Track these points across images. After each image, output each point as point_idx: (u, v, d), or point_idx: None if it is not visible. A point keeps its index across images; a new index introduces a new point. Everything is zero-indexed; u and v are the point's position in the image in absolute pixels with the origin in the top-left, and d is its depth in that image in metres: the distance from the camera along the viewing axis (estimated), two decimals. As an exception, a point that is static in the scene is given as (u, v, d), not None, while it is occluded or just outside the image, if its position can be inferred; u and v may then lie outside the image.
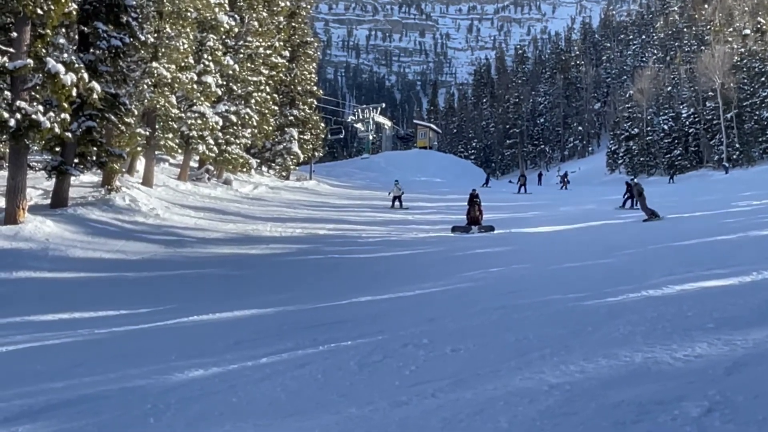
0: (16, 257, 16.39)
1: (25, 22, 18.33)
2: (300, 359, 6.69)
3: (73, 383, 6.55)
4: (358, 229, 24.50)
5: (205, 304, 11.77)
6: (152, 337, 9.14)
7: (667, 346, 5.63)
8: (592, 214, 26.48)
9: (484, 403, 4.70)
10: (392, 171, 65.77)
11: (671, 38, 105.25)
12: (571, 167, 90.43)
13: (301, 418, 4.85)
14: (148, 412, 5.40)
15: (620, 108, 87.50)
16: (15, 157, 19.35)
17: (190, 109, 31.96)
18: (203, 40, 32.33)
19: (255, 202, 33.43)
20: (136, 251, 18.64)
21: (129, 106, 23.32)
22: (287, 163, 50.09)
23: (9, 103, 18.45)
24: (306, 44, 55.16)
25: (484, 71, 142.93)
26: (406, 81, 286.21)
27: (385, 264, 16.85)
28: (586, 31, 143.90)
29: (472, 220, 23.50)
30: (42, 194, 23.78)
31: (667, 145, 73.62)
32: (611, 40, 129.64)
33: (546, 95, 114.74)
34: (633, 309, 7.37)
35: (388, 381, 5.61)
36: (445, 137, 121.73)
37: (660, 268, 10.69)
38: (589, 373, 5.14)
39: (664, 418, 4.08)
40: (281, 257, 18.84)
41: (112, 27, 22.25)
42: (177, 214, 25.13)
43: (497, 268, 13.80)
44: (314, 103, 56.70)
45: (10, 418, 5.54)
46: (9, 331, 9.88)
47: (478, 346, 6.46)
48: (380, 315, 9.27)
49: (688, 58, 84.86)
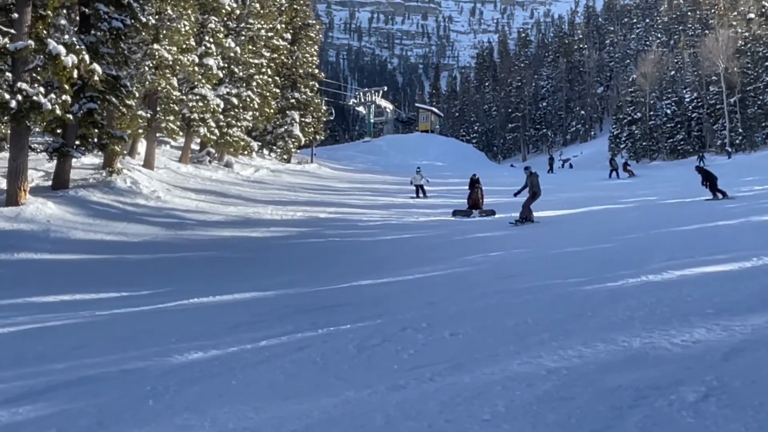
0: (17, 239, 16.41)
1: (26, 2, 18.28)
2: (299, 342, 6.71)
3: (74, 365, 6.57)
4: (359, 212, 24.51)
5: (205, 286, 11.78)
6: (152, 320, 9.16)
7: (665, 332, 5.64)
8: (593, 199, 26.46)
9: (481, 387, 4.71)
10: (394, 154, 65.78)
11: (675, 22, 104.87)
12: (574, 151, 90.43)
13: (300, 401, 4.87)
14: (148, 394, 5.42)
15: (623, 92, 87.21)
16: (16, 138, 19.35)
17: (192, 91, 31.93)
18: (205, 22, 32.26)
19: (256, 185, 33.44)
20: (137, 233, 18.66)
21: (130, 88, 23.28)
22: (288, 146, 50.10)
23: (10, 84, 18.44)
24: (308, 26, 55.03)
25: (486, 55, 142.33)
26: (408, 64, 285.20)
27: (385, 247, 16.86)
28: (590, 14, 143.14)
29: (473, 204, 23.52)
30: (43, 176, 23.80)
31: (670, 129, 73.43)
32: (615, 24, 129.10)
33: (549, 79, 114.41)
34: (632, 294, 7.37)
35: (387, 364, 5.63)
36: (447, 121, 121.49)
37: (661, 253, 10.69)
38: (587, 358, 5.15)
39: (661, 403, 4.10)
40: (282, 240, 18.86)
41: (113, 8, 22.18)
42: (178, 197, 25.14)
43: (497, 252, 13.80)
44: (316, 86, 56.66)
45: (11, 399, 5.56)
46: (10, 313, 9.90)
47: (476, 330, 6.47)
48: (380, 298, 9.28)
49: (692, 42, 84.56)
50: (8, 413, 5.24)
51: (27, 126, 19.13)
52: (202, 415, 4.79)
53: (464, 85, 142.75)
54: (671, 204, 22.26)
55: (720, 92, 68.03)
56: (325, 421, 4.41)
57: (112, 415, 5.02)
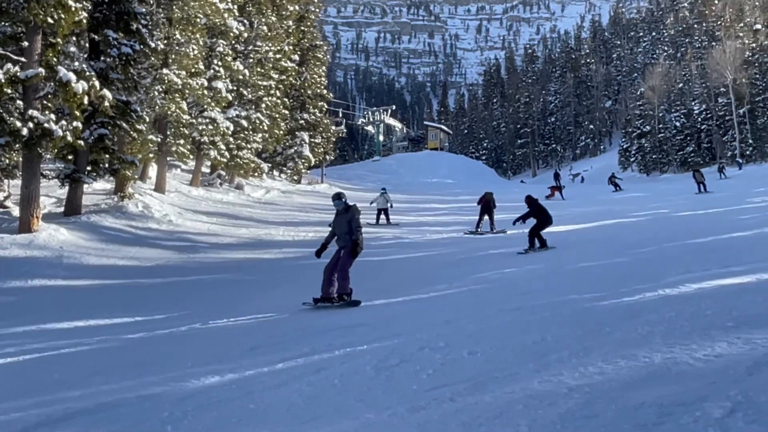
0: (30, 265, 16.45)
1: (36, 31, 18.42)
2: (316, 364, 6.67)
3: (91, 391, 6.55)
4: (371, 231, 24.47)
5: (219, 309, 11.77)
6: (168, 344, 9.13)
7: (686, 346, 5.57)
8: (604, 213, 26.37)
9: (503, 407, 4.66)
10: (404, 173, 65.81)
11: (682, 35, 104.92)
12: (583, 166, 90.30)
13: (320, 424, 4.82)
14: (166, 420, 5.38)
15: (631, 105, 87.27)
16: (28, 165, 19.44)
17: (201, 114, 32.06)
18: (213, 45, 32.44)
19: (267, 206, 33.50)
20: (150, 258, 18.69)
21: (140, 112, 23.41)
22: (299, 166, 50.23)
23: (21, 112, 18.58)
24: (315, 48, 55.31)
25: (493, 71, 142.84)
26: (415, 82, 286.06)
27: (398, 266, 16.82)
28: (596, 29, 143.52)
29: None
30: (55, 202, 23.90)
31: (680, 142, 73.33)
32: (621, 38, 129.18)
33: (556, 94, 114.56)
34: (651, 308, 7.30)
35: (406, 385, 5.58)
36: (456, 138, 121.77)
37: (676, 266, 10.60)
38: (609, 375, 5.09)
39: (686, 420, 4.04)
40: (294, 261, 18.84)
41: (123, 34, 22.35)
42: (190, 220, 25.20)
43: (512, 268, 13.74)
44: (324, 107, 56.90)
45: (29, 427, 5.54)
46: (25, 340, 9.90)
47: (495, 348, 6.41)
48: (395, 318, 9.23)
49: (699, 54, 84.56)
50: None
51: (39, 153, 19.23)
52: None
53: (472, 102, 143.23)
54: (684, 216, 22.15)
55: (729, 103, 67.94)
56: (346, 445, 4.37)
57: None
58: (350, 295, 11.41)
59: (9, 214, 21.13)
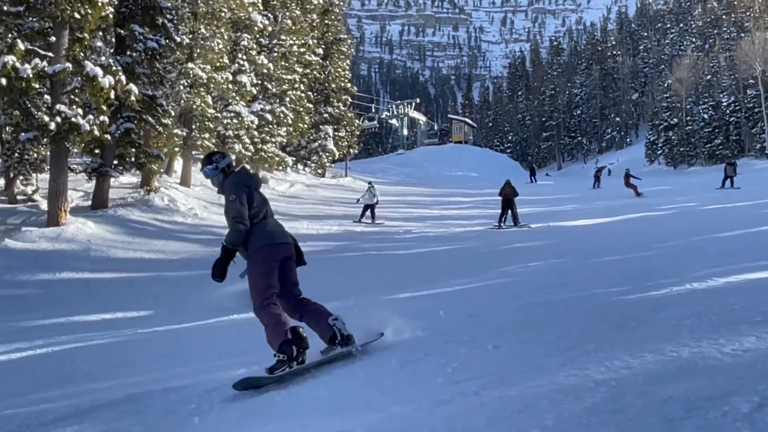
0: (59, 258, 16.64)
1: (63, 26, 18.58)
2: (341, 357, 6.68)
3: (118, 383, 6.61)
4: (395, 225, 24.50)
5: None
6: (194, 337, 9.20)
7: (714, 341, 5.51)
8: (630, 206, 26.17)
9: (528, 401, 4.64)
10: (428, 166, 65.73)
11: (710, 26, 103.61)
12: (609, 159, 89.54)
13: (345, 417, 4.83)
14: (193, 412, 5.42)
15: (659, 98, 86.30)
16: (56, 160, 19.65)
17: (226, 108, 32.19)
18: (237, 39, 32.53)
19: (291, 200, 33.59)
20: (176, 251, 18.81)
21: (166, 107, 23.58)
22: (323, 160, 50.30)
23: (49, 106, 18.76)
24: (339, 41, 55.29)
25: (518, 64, 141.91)
26: (440, 75, 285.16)
27: (423, 260, 16.80)
28: (623, 20, 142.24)
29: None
30: (83, 196, 24.12)
31: (708, 134, 72.47)
32: (648, 29, 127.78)
33: (582, 87, 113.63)
34: (677, 302, 7.23)
35: (431, 379, 5.57)
36: (480, 131, 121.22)
37: (703, 260, 10.50)
38: (635, 369, 5.05)
39: (714, 414, 4.00)
40: (319, 255, 18.86)
41: (148, 29, 22.50)
42: (215, 214, 25.31)
43: (536, 262, 13.67)
44: (348, 100, 56.87)
45: (58, 418, 5.60)
46: (54, 332, 10.02)
47: (520, 342, 6.39)
48: (420, 311, 9.22)
49: (728, 46, 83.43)
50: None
51: (66, 147, 19.43)
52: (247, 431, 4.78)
53: (497, 95, 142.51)
54: (711, 210, 21.92)
55: (758, 95, 67.03)
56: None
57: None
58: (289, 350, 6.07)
59: (37, 208, 21.37)
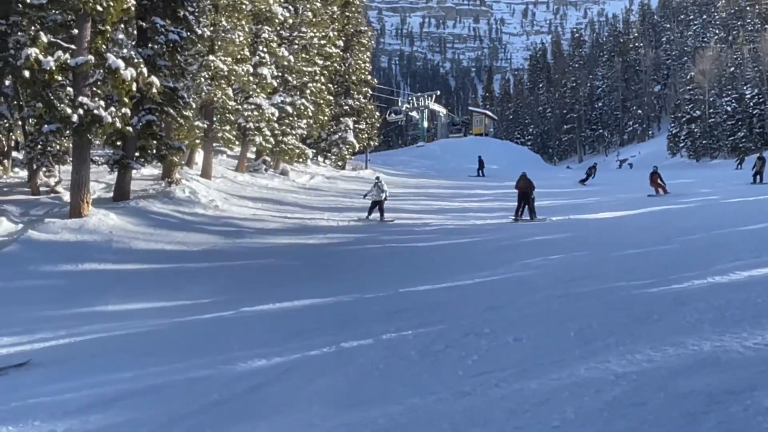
0: (81, 250, 16.76)
1: (86, 18, 18.67)
2: (361, 349, 6.69)
3: (141, 373, 6.67)
4: (415, 217, 24.44)
5: (265, 294, 11.86)
6: (215, 328, 9.24)
7: (736, 335, 5.48)
8: (652, 200, 25.98)
9: (548, 393, 4.63)
10: (448, 159, 65.49)
11: (733, 17, 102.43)
12: (631, 151, 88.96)
13: (366, 408, 4.85)
14: (214, 402, 5.46)
15: (681, 90, 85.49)
16: (78, 151, 19.77)
17: (247, 101, 32.25)
18: (258, 32, 32.56)
19: (311, 192, 33.63)
20: (197, 242, 18.89)
21: (187, 99, 23.64)
22: (343, 152, 50.29)
23: (71, 98, 18.87)
24: (360, 33, 55.19)
25: (539, 56, 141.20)
26: (460, 68, 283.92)
27: (443, 252, 16.77)
28: (645, 12, 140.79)
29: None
30: (104, 188, 24.27)
31: (731, 127, 71.74)
32: (671, 21, 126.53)
33: (604, 79, 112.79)
34: (699, 296, 7.19)
35: (451, 371, 5.57)
36: (501, 124, 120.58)
37: (726, 253, 10.42)
38: (657, 362, 5.03)
39: (736, 408, 3.97)
40: (339, 247, 18.90)
41: (170, 21, 22.54)
42: (235, 205, 25.41)
43: (557, 255, 13.60)
44: (369, 92, 56.79)
45: (83, 407, 5.66)
46: (77, 322, 10.10)
47: (540, 335, 6.38)
48: (440, 304, 9.21)
49: (752, 38, 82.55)
50: (79, 421, 5.33)
51: (88, 139, 19.54)
52: (270, 422, 4.80)
53: (518, 87, 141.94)
54: (734, 203, 21.72)
55: (782, 87, 66.30)
56: (392, 428, 4.38)
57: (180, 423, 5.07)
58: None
59: (60, 200, 21.53)
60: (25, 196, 22.06)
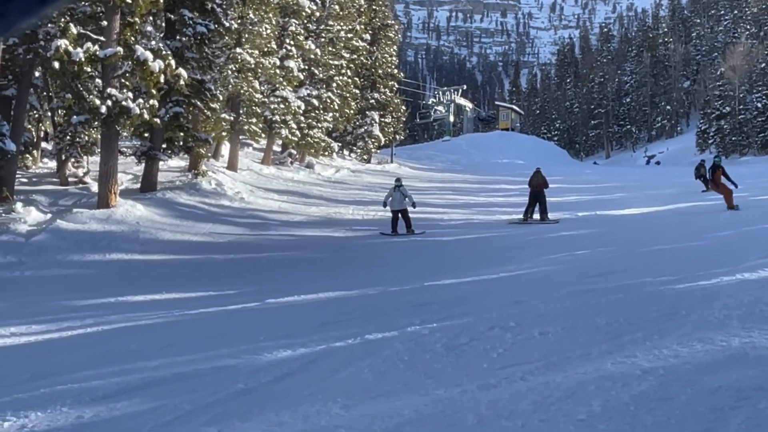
0: (109, 240, 16.92)
1: (115, 11, 18.81)
2: (386, 341, 6.69)
3: (167, 362, 6.71)
4: (440, 211, 24.41)
5: (290, 285, 11.90)
6: (240, 318, 9.29)
7: (765, 331, 5.42)
8: (680, 195, 25.74)
9: (575, 387, 4.60)
10: (474, 153, 65.35)
11: (765, 13, 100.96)
12: (659, 148, 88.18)
13: (390, 399, 4.84)
14: (240, 391, 5.48)
15: (711, 86, 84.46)
16: (106, 143, 19.95)
17: (273, 93, 32.35)
18: (285, 25, 32.65)
19: (337, 185, 33.70)
20: (223, 234, 19.00)
21: (214, 91, 23.75)
22: (368, 146, 50.35)
23: (100, 90, 19.04)
24: (386, 27, 55.17)
25: (567, 51, 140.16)
26: (487, 62, 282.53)
27: (468, 246, 16.74)
28: (675, 7, 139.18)
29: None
30: (132, 179, 24.47)
31: (761, 123, 70.81)
32: (701, 16, 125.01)
33: (632, 74, 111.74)
34: (728, 292, 7.11)
35: (476, 363, 5.56)
36: (527, 118, 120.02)
37: (755, 250, 10.30)
38: (684, 358, 4.98)
39: (765, 404, 3.93)
40: (364, 240, 18.93)
41: (198, 14, 22.65)
42: (261, 198, 25.52)
43: (583, 250, 13.53)
44: (395, 86, 56.76)
45: (109, 395, 5.71)
46: (104, 312, 10.19)
47: (566, 329, 6.34)
48: (465, 297, 9.19)
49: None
50: (106, 408, 5.38)
51: (116, 130, 19.71)
52: (294, 412, 4.81)
53: (545, 82, 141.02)
54: (763, 200, 21.45)
55: (814, 84, 65.34)
56: (417, 420, 4.37)
57: (206, 411, 5.10)
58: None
59: (88, 190, 21.74)
60: (53, 187, 22.31)
